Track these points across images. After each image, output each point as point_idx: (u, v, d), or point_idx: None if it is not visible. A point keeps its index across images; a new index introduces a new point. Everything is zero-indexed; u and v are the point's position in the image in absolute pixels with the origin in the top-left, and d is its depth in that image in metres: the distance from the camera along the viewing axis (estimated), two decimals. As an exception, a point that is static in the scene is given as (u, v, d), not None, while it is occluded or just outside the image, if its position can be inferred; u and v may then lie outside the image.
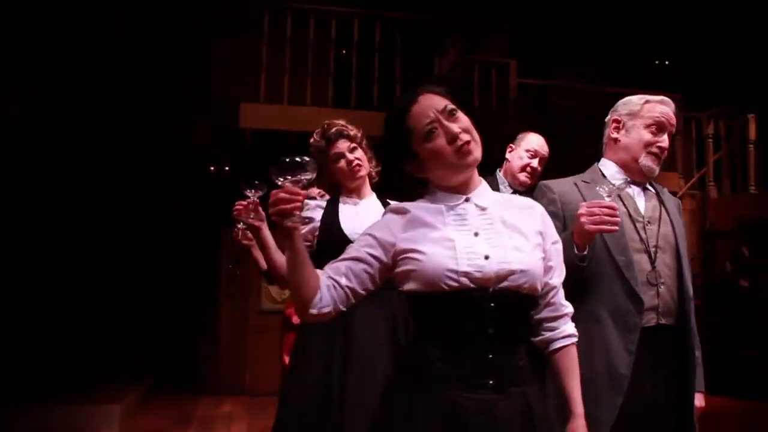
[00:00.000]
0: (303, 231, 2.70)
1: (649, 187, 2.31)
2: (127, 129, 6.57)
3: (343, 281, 1.57)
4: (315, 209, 2.72)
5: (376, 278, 1.61)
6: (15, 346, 6.18)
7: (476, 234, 1.57)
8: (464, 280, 1.49)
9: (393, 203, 1.74)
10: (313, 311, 1.55)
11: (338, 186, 2.82)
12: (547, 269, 1.63)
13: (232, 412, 6.23)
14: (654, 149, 2.23)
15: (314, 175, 1.51)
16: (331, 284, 1.57)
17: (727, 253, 8.25)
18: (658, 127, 2.25)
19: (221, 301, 7.10)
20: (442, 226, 1.58)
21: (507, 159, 3.54)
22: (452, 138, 1.57)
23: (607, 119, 2.38)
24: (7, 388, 5.18)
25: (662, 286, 2.12)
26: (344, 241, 2.57)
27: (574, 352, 1.70)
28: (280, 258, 2.67)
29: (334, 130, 2.73)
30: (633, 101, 2.32)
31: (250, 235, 4.12)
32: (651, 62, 9.69)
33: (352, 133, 2.74)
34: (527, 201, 1.74)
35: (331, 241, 2.62)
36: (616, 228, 1.94)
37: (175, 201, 7.06)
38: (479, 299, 1.51)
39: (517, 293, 1.54)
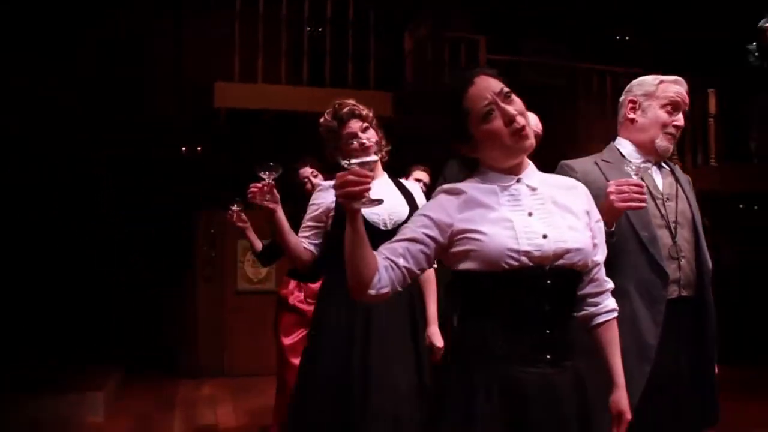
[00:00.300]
0: (318, 212, 2.71)
1: (664, 165, 2.38)
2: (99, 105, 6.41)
3: (401, 261, 1.61)
4: (328, 190, 2.72)
5: (432, 258, 1.65)
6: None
7: (530, 214, 1.61)
8: (524, 259, 1.54)
9: (445, 185, 1.76)
10: (372, 292, 1.58)
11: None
12: (593, 246, 1.68)
13: (215, 394, 6.20)
14: (670, 129, 2.30)
15: (378, 159, 1.53)
16: (388, 265, 1.60)
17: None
18: (674, 106, 2.32)
19: (197, 283, 7.03)
20: (498, 206, 1.62)
21: None
22: (509, 120, 1.60)
23: (621, 99, 2.44)
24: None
25: (683, 260, 2.21)
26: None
27: (615, 325, 1.78)
28: (294, 239, 2.68)
29: (346, 110, 2.73)
30: (648, 81, 2.38)
31: (244, 217, 4.12)
32: (614, 38, 9.84)
33: (363, 112, 2.74)
34: (571, 181, 1.79)
35: (344, 219, 2.64)
36: (644, 205, 2.00)
37: (148, 183, 6.93)
38: (537, 277, 1.56)
39: (570, 270, 1.60)
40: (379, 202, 1.59)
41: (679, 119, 2.32)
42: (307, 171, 4.05)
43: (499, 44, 8.15)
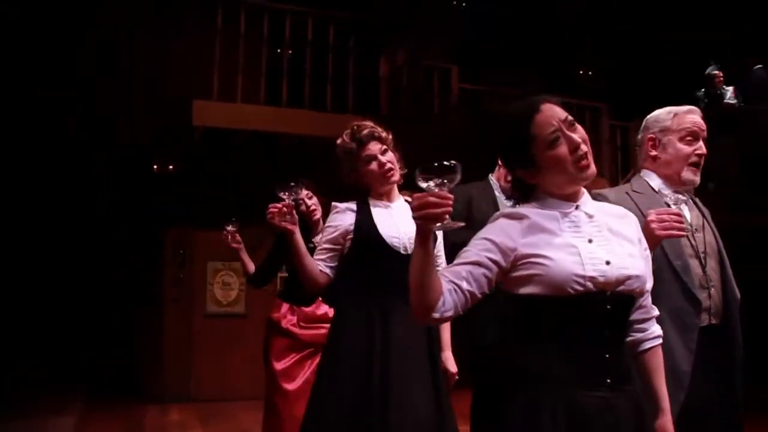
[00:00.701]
0: (335, 234, 2.66)
1: (689, 197, 2.44)
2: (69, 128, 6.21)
3: (464, 285, 1.59)
4: (345, 212, 2.68)
5: (493, 282, 1.63)
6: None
7: (590, 240, 1.63)
8: (589, 284, 1.55)
9: (505, 209, 1.76)
10: (436, 315, 1.56)
11: (365, 189, 2.79)
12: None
13: (183, 420, 6.01)
14: (693, 158, 2.35)
15: (459, 179, 1.51)
16: (452, 288, 1.58)
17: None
18: (693, 136, 2.37)
19: (165, 305, 6.82)
20: (560, 232, 1.63)
21: (499, 164, 3.61)
22: (574, 147, 1.62)
23: (639, 137, 2.49)
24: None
25: (712, 289, 2.26)
26: (381, 245, 2.58)
27: (660, 352, 1.80)
28: (311, 262, 2.63)
29: (365, 132, 2.69)
30: (662, 117, 2.43)
31: (239, 237, 4.03)
32: (578, 72, 10.14)
33: (383, 135, 2.71)
34: (622, 209, 1.81)
35: (368, 245, 2.61)
36: (684, 234, 2.05)
37: (118, 201, 6.73)
38: (598, 302, 1.57)
39: (629, 296, 1.63)
40: (460, 225, 1.57)
41: (700, 147, 2.37)
42: (302, 193, 3.99)
43: (469, 73, 8.32)
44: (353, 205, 2.70)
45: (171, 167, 6.78)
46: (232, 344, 7.00)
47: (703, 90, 8.26)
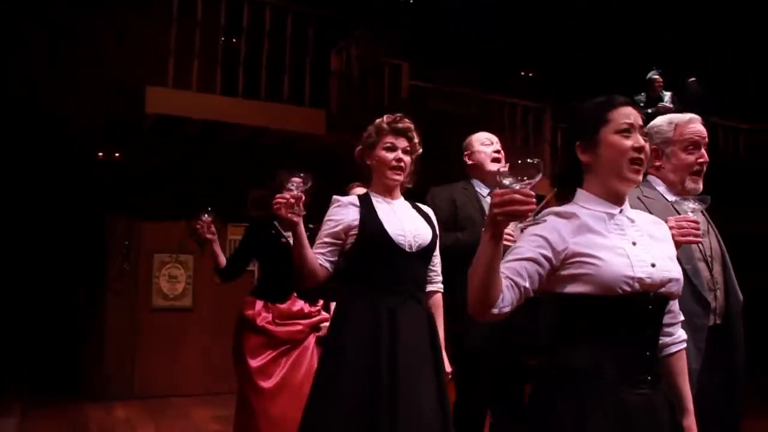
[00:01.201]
0: (336, 229, 2.64)
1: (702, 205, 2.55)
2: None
3: (520, 281, 1.64)
4: (347, 207, 2.67)
5: (544, 278, 1.68)
6: None
7: (634, 243, 1.70)
8: (636, 285, 1.63)
9: (554, 207, 1.79)
10: (495, 311, 1.60)
11: (366, 176, 2.78)
12: None
13: (130, 417, 5.79)
14: (696, 167, 2.46)
15: (541, 177, 1.52)
16: (510, 284, 1.63)
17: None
18: (694, 145, 2.48)
19: (108, 299, 6.55)
20: (607, 233, 1.70)
21: (470, 164, 3.66)
22: (638, 148, 1.71)
23: None
24: None
25: (718, 291, 2.39)
26: (388, 242, 2.58)
27: (684, 355, 1.91)
28: (312, 255, 2.60)
29: (404, 126, 2.70)
30: (663, 128, 2.53)
31: (213, 228, 3.94)
32: (522, 73, 10.37)
33: (415, 140, 2.71)
34: (654, 217, 1.90)
35: (374, 242, 2.61)
36: (701, 240, 2.15)
37: (59, 189, 6.40)
38: (642, 303, 1.66)
39: (667, 298, 1.72)
40: (542, 222, 1.60)
41: (703, 155, 2.48)
42: (287, 194, 3.92)
43: (419, 71, 8.37)
44: (355, 200, 2.69)
45: (117, 155, 6.50)
46: (178, 339, 6.82)
47: (643, 93, 8.62)
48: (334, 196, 2.77)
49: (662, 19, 8.76)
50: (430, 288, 2.81)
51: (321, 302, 4.08)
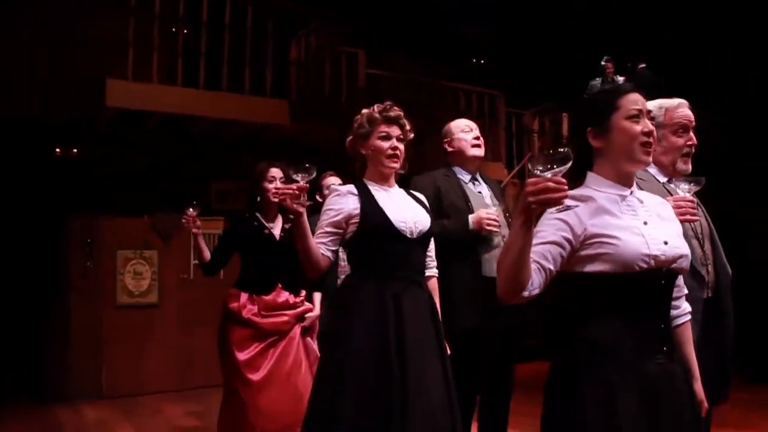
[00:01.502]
0: (337, 218, 2.67)
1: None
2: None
3: (546, 264, 1.73)
4: (347, 195, 2.70)
5: (565, 259, 1.77)
6: None
7: (645, 223, 1.81)
8: (652, 262, 1.74)
9: (571, 191, 1.87)
10: (526, 293, 1.69)
11: (360, 165, 2.82)
12: None
13: (103, 418, 5.69)
14: (686, 149, 2.60)
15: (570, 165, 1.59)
16: (537, 267, 1.71)
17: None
18: (684, 128, 2.61)
19: (71, 298, 6.40)
20: (621, 214, 1.80)
21: (450, 151, 3.73)
22: (646, 133, 1.82)
23: None
24: None
25: (709, 266, 2.53)
26: (391, 229, 2.63)
27: (690, 326, 2.04)
28: (315, 245, 2.63)
29: (396, 114, 2.75)
30: (654, 113, 2.62)
31: (199, 223, 3.92)
32: (478, 61, 10.52)
33: (407, 127, 2.77)
34: (659, 198, 2.01)
35: (377, 230, 2.65)
36: (697, 218, 2.29)
37: (16, 187, 6.20)
38: (657, 278, 1.77)
39: (677, 273, 1.84)
40: (569, 208, 1.67)
41: (691, 138, 2.61)
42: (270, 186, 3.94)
43: (375, 59, 8.41)
44: (353, 189, 2.72)
45: (75, 151, 6.34)
46: (145, 336, 6.72)
47: (598, 79, 8.89)
48: (332, 186, 2.79)
49: (614, 5, 9.01)
50: (426, 273, 2.88)
51: (303, 293, 4.10)
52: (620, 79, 8.69)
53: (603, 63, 9.00)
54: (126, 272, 6.62)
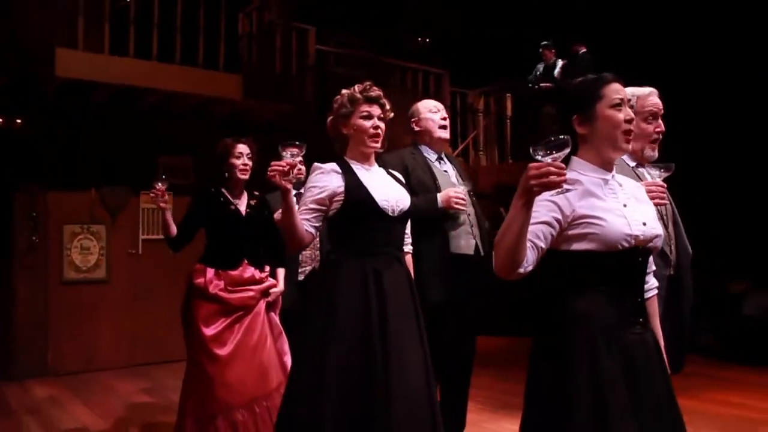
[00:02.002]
0: (321, 195, 2.71)
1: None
2: None
3: (539, 243, 1.86)
4: (330, 173, 2.74)
5: (554, 238, 1.91)
6: None
7: (625, 205, 1.96)
8: (633, 242, 1.90)
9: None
10: (521, 270, 1.82)
11: (341, 144, 2.87)
12: None
13: (53, 395, 5.57)
14: (654, 136, 2.75)
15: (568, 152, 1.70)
16: (530, 245, 1.84)
17: (488, 213, 9.57)
18: (653, 116, 2.76)
19: (16, 274, 6.21)
20: (605, 197, 1.95)
21: (417, 131, 3.82)
22: (628, 120, 1.97)
23: None
24: None
25: (672, 246, 2.70)
26: (374, 207, 2.70)
27: (656, 299, 2.21)
28: (300, 222, 2.67)
29: (376, 94, 2.81)
30: None
31: (167, 197, 3.88)
32: (423, 40, 10.58)
33: (387, 106, 2.82)
34: (635, 182, 2.15)
35: (360, 208, 2.72)
36: (666, 202, 2.45)
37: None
38: (635, 256, 1.93)
39: (651, 251, 2.01)
40: (567, 191, 1.78)
41: (660, 125, 2.76)
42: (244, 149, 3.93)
43: (324, 36, 8.37)
44: (336, 167, 2.76)
45: (19, 121, 6.11)
46: (93, 312, 6.59)
47: (540, 65, 9.11)
48: (316, 164, 2.82)
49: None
50: (404, 249, 2.96)
51: (267, 268, 4.12)
52: (560, 62, 8.92)
53: (541, 50, 9.20)
54: (73, 247, 6.47)
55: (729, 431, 4.47)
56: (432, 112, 3.71)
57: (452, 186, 3.63)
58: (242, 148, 3.88)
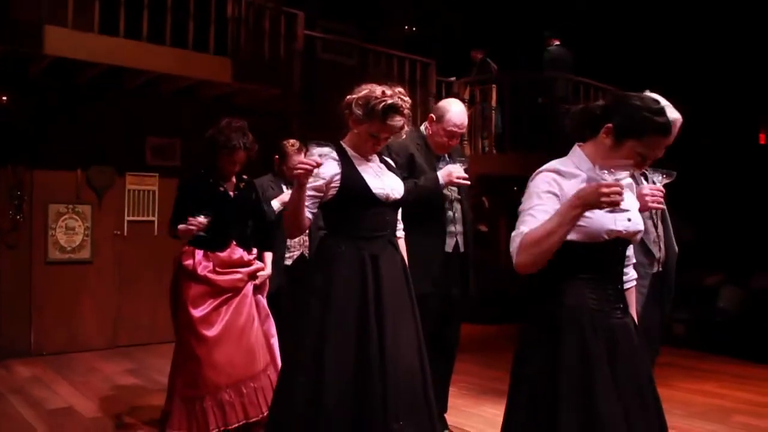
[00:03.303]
0: (319, 183, 2.77)
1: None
2: None
3: None
4: (328, 160, 2.79)
5: None
6: None
7: None
8: (615, 235, 2.01)
9: (558, 165, 2.06)
10: (540, 266, 1.93)
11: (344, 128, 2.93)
12: None
13: (38, 375, 5.57)
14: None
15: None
16: None
17: (470, 203, 9.65)
18: None
19: (0, 253, 6.19)
20: None
21: (427, 127, 3.92)
22: (642, 159, 2.03)
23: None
24: None
25: (661, 244, 2.81)
26: (369, 195, 2.77)
27: (634, 291, 2.34)
28: (304, 210, 2.74)
29: (397, 123, 2.79)
30: None
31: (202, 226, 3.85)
32: (410, 28, 10.60)
33: (407, 112, 2.82)
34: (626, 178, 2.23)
35: (356, 194, 2.79)
36: (663, 207, 2.55)
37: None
38: (616, 246, 2.05)
39: (631, 243, 2.13)
40: (623, 210, 1.96)
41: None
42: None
43: (312, 21, 8.36)
44: (334, 153, 2.81)
45: (5, 98, 6.07)
46: (77, 293, 6.59)
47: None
48: (311, 147, 2.86)
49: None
50: (397, 234, 3.04)
51: (255, 251, 4.17)
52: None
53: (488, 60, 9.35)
54: (58, 227, 6.45)
55: (703, 418, 4.60)
56: (446, 131, 3.78)
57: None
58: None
